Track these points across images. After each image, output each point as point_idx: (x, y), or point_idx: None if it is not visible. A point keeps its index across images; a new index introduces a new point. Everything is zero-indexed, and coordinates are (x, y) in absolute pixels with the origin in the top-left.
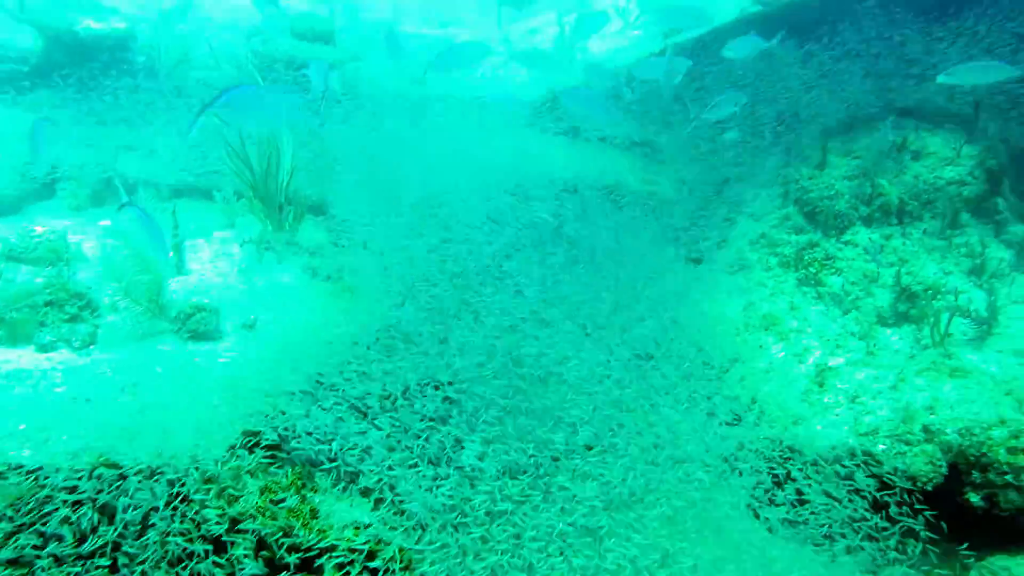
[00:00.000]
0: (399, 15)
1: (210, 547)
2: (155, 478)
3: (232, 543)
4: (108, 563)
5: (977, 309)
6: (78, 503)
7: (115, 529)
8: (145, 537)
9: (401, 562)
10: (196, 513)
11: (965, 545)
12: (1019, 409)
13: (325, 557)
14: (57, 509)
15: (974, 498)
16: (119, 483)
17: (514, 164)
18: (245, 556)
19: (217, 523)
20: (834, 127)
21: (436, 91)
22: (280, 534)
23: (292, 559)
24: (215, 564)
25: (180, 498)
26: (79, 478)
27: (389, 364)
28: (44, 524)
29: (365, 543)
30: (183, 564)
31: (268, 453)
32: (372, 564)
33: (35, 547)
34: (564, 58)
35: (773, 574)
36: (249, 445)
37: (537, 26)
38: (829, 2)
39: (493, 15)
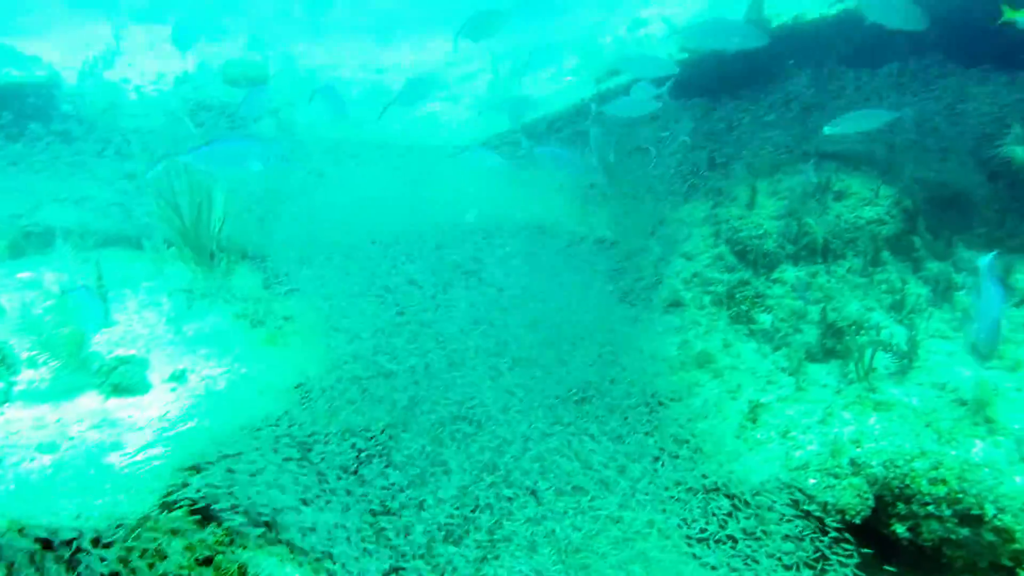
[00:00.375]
0: (335, 60)
1: None
2: (76, 543)
3: None
4: None
5: (898, 344)
6: None
7: None
8: None
9: None
10: None
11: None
12: (938, 440)
13: None
14: None
15: (899, 529)
16: (38, 550)
17: (453, 207)
18: None
19: None
20: (761, 169)
21: (374, 136)
22: None
23: None
24: None
25: (104, 562)
26: None
27: (323, 415)
28: None
29: None
30: None
31: (194, 510)
32: None
33: None
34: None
35: None
36: (174, 503)
37: (472, 71)
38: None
39: (429, 59)
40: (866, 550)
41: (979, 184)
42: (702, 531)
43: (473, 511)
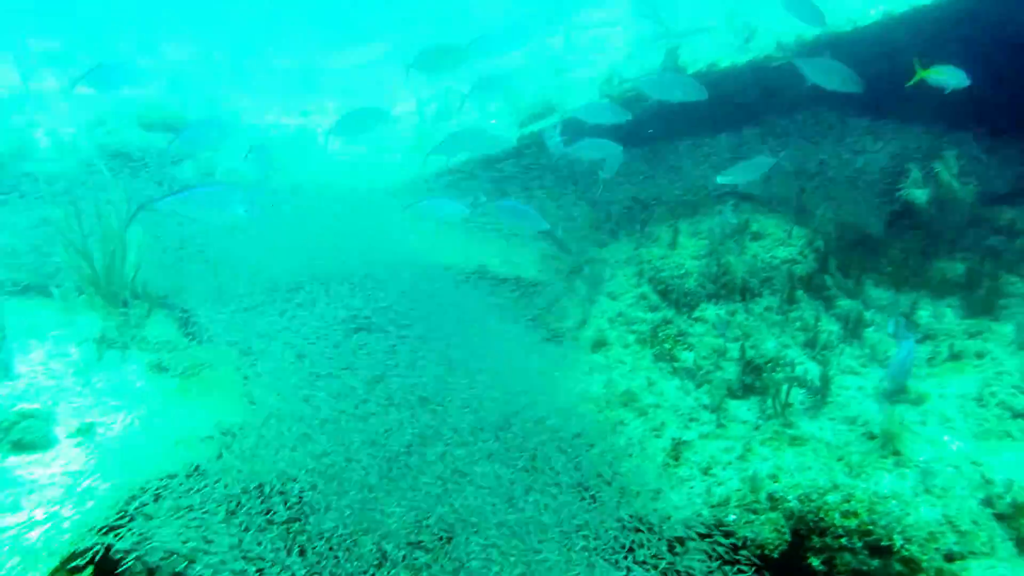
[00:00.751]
0: (258, 104)
1: None
2: None
3: None
4: None
5: (812, 379)
6: None
7: None
8: None
9: None
10: None
11: None
12: (850, 474)
13: None
14: None
15: (815, 562)
16: None
17: (377, 250)
18: None
19: None
20: (682, 211)
21: (300, 179)
22: None
23: None
24: None
25: None
26: None
27: (239, 464)
28: None
29: None
30: None
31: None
32: None
33: None
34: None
35: None
36: (79, 565)
37: (409, 111)
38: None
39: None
40: None
41: (884, 226)
42: (628, 570)
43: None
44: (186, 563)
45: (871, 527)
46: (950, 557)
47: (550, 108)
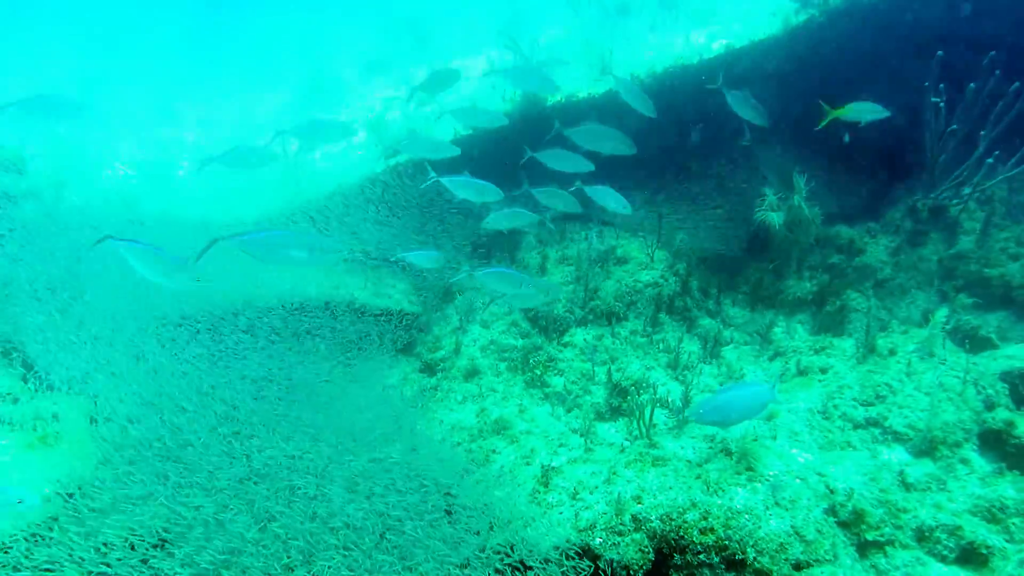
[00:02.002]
0: (109, 139)
1: None
2: None
3: None
4: None
5: (674, 399)
6: None
7: None
8: None
9: None
10: None
11: None
12: (707, 491)
13: None
14: None
15: None
16: None
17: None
18: None
19: None
20: (550, 237)
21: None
22: None
23: None
24: None
25: None
26: None
27: (88, 522)
28: None
29: None
30: None
31: None
32: None
33: None
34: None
35: None
36: None
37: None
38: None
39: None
40: None
41: (741, 247)
42: None
43: None
44: None
45: (727, 542)
46: (797, 566)
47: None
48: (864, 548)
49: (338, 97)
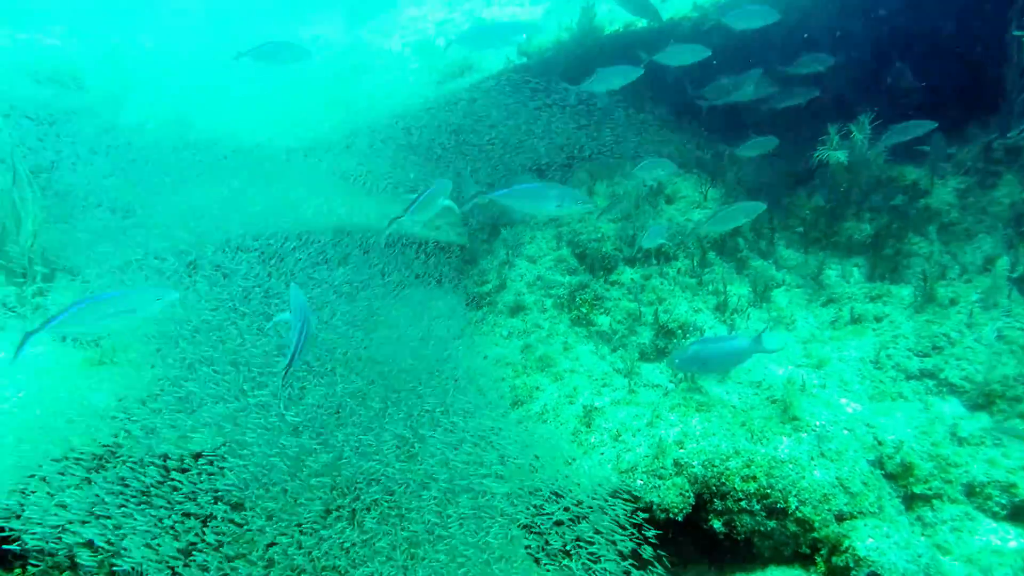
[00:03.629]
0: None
1: None
2: None
3: None
4: None
5: None
6: None
7: None
8: None
9: None
10: None
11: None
12: (751, 439)
13: None
14: None
15: (716, 524)
16: None
17: (297, 209)
18: None
19: None
20: (600, 172)
21: (216, 135)
22: None
23: None
24: None
25: None
26: None
27: (145, 441)
28: None
29: None
30: None
31: None
32: None
33: None
34: None
35: None
36: None
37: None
38: None
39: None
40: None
41: (799, 186)
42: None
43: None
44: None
45: (769, 491)
46: (840, 517)
47: (469, 67)
48: (910, 501)
49: (389, 18)
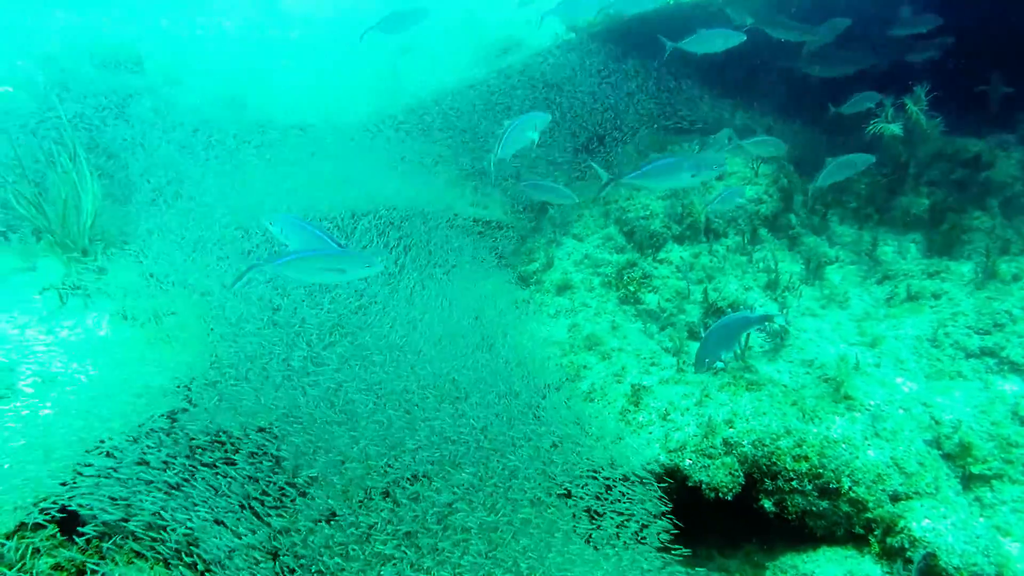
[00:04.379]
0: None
1: None
2: None
3: None
4: None
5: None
6: None
7: None
8: None
9: None
10: None
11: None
12: (802, 419)
13: None
14: None
15: (767, 504)
16: None
17: (345, 190)
18: None
19: None
20: (649, 147)
21: (270, 116)
22: None
23: None
24: None
25: None
26: None
27: (205, 417)
28: None
29: None
30: None
31: (64, 524)
32: None
33: None
34: None
35: None
36: (39, 519)
37: None
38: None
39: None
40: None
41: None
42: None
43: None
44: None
45: (821, 470)
46: (895, 497)
47: (515, 43)
48: (969, 481)
49: None
